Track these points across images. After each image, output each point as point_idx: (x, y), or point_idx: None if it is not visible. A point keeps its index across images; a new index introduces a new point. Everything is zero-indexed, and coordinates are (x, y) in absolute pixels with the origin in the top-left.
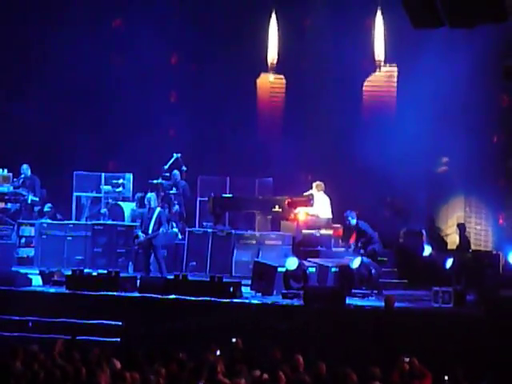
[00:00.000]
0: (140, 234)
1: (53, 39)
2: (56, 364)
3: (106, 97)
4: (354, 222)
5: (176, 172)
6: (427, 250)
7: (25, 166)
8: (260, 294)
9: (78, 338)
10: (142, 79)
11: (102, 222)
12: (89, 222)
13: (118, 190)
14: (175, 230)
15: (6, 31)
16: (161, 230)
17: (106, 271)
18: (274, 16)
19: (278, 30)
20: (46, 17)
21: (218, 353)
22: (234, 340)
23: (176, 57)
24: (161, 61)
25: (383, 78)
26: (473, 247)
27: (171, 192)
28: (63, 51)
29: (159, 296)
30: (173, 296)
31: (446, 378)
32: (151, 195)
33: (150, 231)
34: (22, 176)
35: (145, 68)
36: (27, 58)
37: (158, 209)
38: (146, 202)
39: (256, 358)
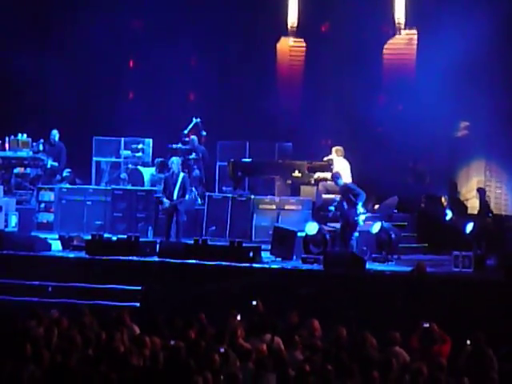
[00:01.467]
0: (165, 200)
1: (75, 10)
2: (76, 328)
3: (126, 60)
4: (341, 182)
5: (194, 137)
6: (448, 215)
7: (54, 131)
8: (280, 259)
9: (97, 302)
10: (161, 43)
11: (121, 186)
12: (108, 187)
13: (137, 154)
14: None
15: None
16: (187, 196)
17: (125, 236)
18: None
19: None
20: None
21: (239, 317)
22: (254, 302)
23: (196, 20)
24: (181, 23)
25: (403, 41)
26: (493, 211)
27: (190, 157)
28: (83, 18)
29: (179, 261)
30: (192, 261)
31: (468, 342)
32: (175, 159)
33: (175, 197)
34: (42, 141)
35: (164, 31)
36: (50, 24)
37: (182, 174)
38: (169, 166)
39: (275, 322)
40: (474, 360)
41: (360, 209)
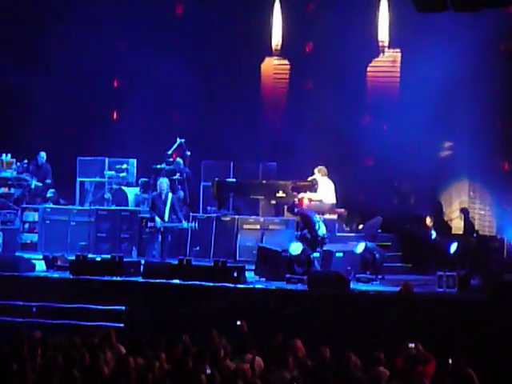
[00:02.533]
0: (157, 218)
1: (60, 29)
2: (59, 349)
3: (111, 81)
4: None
5: (179, 159)
6: (432, 235)
7: (42, 154)
8: (264, 279)
9: (81, 323)
10: (145, 63)
11: (105, 207)
12: (92, 207)
13: (121, 175)
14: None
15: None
16: (184, 223)
17: (109, 256)
18: (277, 0)
19: (282, 14)
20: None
21: (222, 337)
22: (238, 323)
23: (180, 40)
24: (165, 43)
25: (387, 62)
26: (477, 231)
27: (174, 177)
28: (67, 38)
29: (163, 281)
30: (177, 281)
31: (450, 361)
32: (163, 179)
33: (167, 217)
34: (26, 161)
35: (149, 50)
36: (37, 44)
37: (171, 194)
38: (158, 186)
39: (259, 342)
40: (454, 380)
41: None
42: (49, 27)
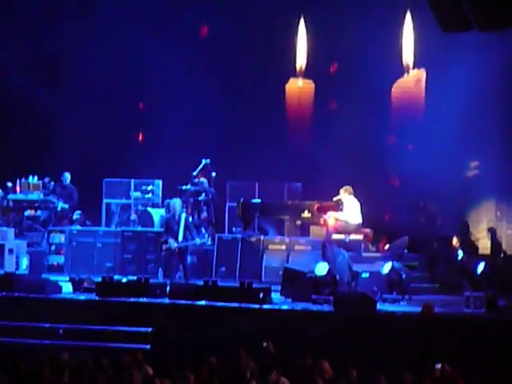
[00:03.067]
0: (171, 240)
1: (85, 52)
2: (86, 371)
3: (136, 103)
4: None
5: (203, 180)
6: (459, 255)
7: (66, 174)
8: (290, 300)
9: (108, 344)
10: (170, 84)
11: (131, 228)
12: (118, 229)
13: (147, 196)
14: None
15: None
16: (197, 240)
17: (135, 278)
18: (302, 21)
19: (307, 34)
20: (77, 29)
21: (249, 358)
22: (264, 344)
23: (205, 61)
24: (190, 63)
25: (411, 81)
26: (505, 251)
27: (200, 198)
28: (91, 61)
29: (189, 302)
30: (203, 302)
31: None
32: (176, 200)
33: (181, 238)
34: (52, 183)
35: (174, 71)
36: (62, 64)
37: (184, 214)
38: (170, 207)
39: (287, 364)
40: None
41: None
42: (74, 49)
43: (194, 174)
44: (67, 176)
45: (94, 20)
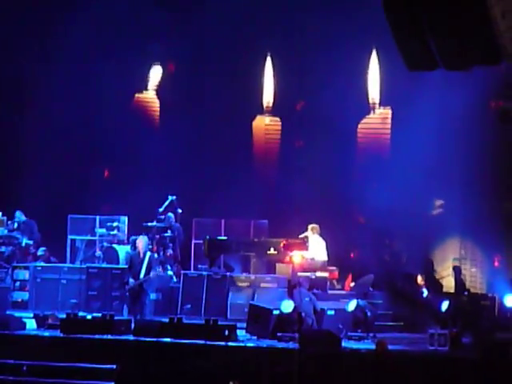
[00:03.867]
0: (130, 280)
1: (48, 81)
2: None
3: (101, 139)
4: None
5: (170, 214)
6: (424, 293)
7: (18, 213)
8: (255, 337)
9: (72, 381)
10: (135, 122)
11: (96, 265)
12: (83, 265)
13: (112, 232)
14: (170, 272)
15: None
16: (151, 273)
17: (100, 314)
18: (269, 59)
19: (274, 72)
20: (39, 53)
21: None
22: (231, 383)
23: (171, 100)
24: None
25: (378, 120)
26: (469, 290)
27: (166, 234)
28: (56, 92)
29: (154, 339)
30: (168, 339)
31: None
32: (142, 238)
33: (142, 276)
34: (17, 220)
35: (138, 110)
36: (22, 100)
37: (149, 253)
38: (136, 245)
39: None
40: None
41: None
42: (39, 78)
43: (160, 210)
44: (19, 215)
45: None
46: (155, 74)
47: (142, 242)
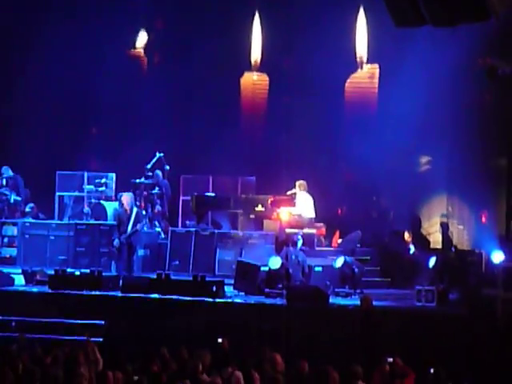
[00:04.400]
0: (116, 241)
1: (37, 40)
2: (37, 363)
3: (90, 96)
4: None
5: (158, 172)
6: (411, 250)
7: (4, 169)
8: (243, 293)
9: (60, 337)
10: (124, 78)
11: (84, 221)
12: (71, 222)
13: (100, 189)
14: (158, 229)
15: None
16: (138, 225)
17: (88, 271)
18: (257, 15)
19: (262, 29)
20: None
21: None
22: (219, 340)
23: (158, 56)
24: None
25: (365, 76)
26: (456, 246)
27: (153, 191)
28: (44, 51)
29: (142, 295)
30: (155, 295)
31: (432, 370)
32: (127, 194)
33: (129, 230)
34: (4, 176)
35: (128, 68)
36: (13, 54)
37: (135, 208)
38: (122, 202)
39: (241, 358)
40: None
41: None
42: (28, 39)
43: (148, 167)
44: (6, 169)
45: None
46: (142, 37)
47: (126, 198)
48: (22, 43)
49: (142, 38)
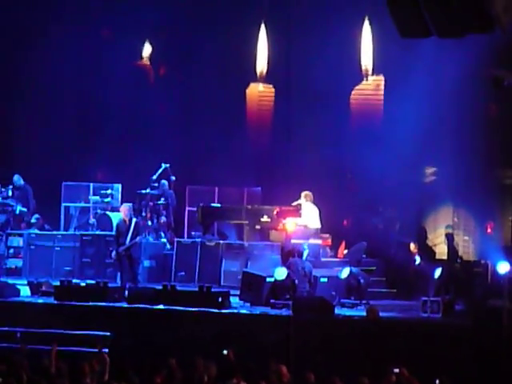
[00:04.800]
0: (113, 253)
1: (46, 51)
2: (44, 374)
3: (96, 107)
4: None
5: (164, 182)
6: (417, 261)
7: (16, 177)
8: (249, 304)
9: (66, 348)
10: (131, 90)
11: (90, 232)
12: (77, 233)
13: (106, 200)
14: (163, 240)
15: None
16: (137, 238)
17: (94, 282)
18: (263, 26)
19: (267, 40)
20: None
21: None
22: (225, 352)
23: (164, 67)
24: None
25: (370, 87)
26: (461, 257)
27: (159, 202)
28: (51, 61)
29: (148, 306)
30: (161, 306)
31: (437, 381)
32: (125, 205)
33: (128, 241)
34: (11, 186)
35: (133, 78)
36: (18, 65)
37: (134, 219)
38: (120, 212)
39: (246, 367)
40: None
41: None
42: (36, 48)
43: (154, 178)
44: (17, 178)
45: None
46: (147, 48)
47: (124, 209)
48: (30, 53)
49: (147, 49)
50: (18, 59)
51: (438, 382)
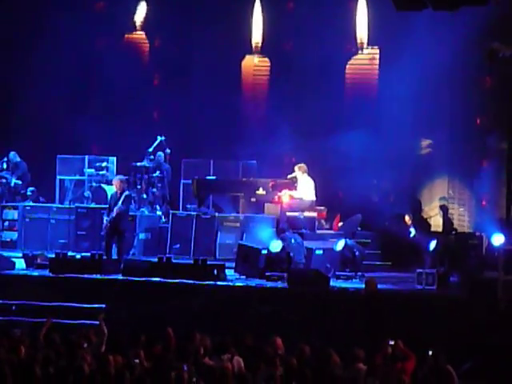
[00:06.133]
0: (105, 218)
1: (41, 27)
2: (38, 348)
3: (90, 80)
4: None
5: (160, 154)
6: (412, 233)
7: (12, 154)
8: (244, 277)
9: (61, 321)
10: (125, 62)
11: (85, 205)
12: (72, 205)
13: (101, 172)
14: (159, 212)
15: None
16: (114, 209)
17: (89, 254)
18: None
19: (263, 12)
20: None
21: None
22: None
23: (159, 40)
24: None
25: (365, 60)
26: (456, 229)
27: (154, 175)
28: (48, 37)
29: (143, 279)
30: (157, 279)
31: (430, 353)
32: (117, 177)
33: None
34: (5, 159)
35: (128, 50)
36: (14, 38)
37: (126, 192)
38: (113, 185)
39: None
40: (433, 377)
41: None
42: (29, 29)
43: (149, 150)
44: (13, 155)
45: None
46: (141, 10)
47: (116, 181)
48: (25, 28)
49: (141, 13)
50: (13, 36)
51: (431, 353)
